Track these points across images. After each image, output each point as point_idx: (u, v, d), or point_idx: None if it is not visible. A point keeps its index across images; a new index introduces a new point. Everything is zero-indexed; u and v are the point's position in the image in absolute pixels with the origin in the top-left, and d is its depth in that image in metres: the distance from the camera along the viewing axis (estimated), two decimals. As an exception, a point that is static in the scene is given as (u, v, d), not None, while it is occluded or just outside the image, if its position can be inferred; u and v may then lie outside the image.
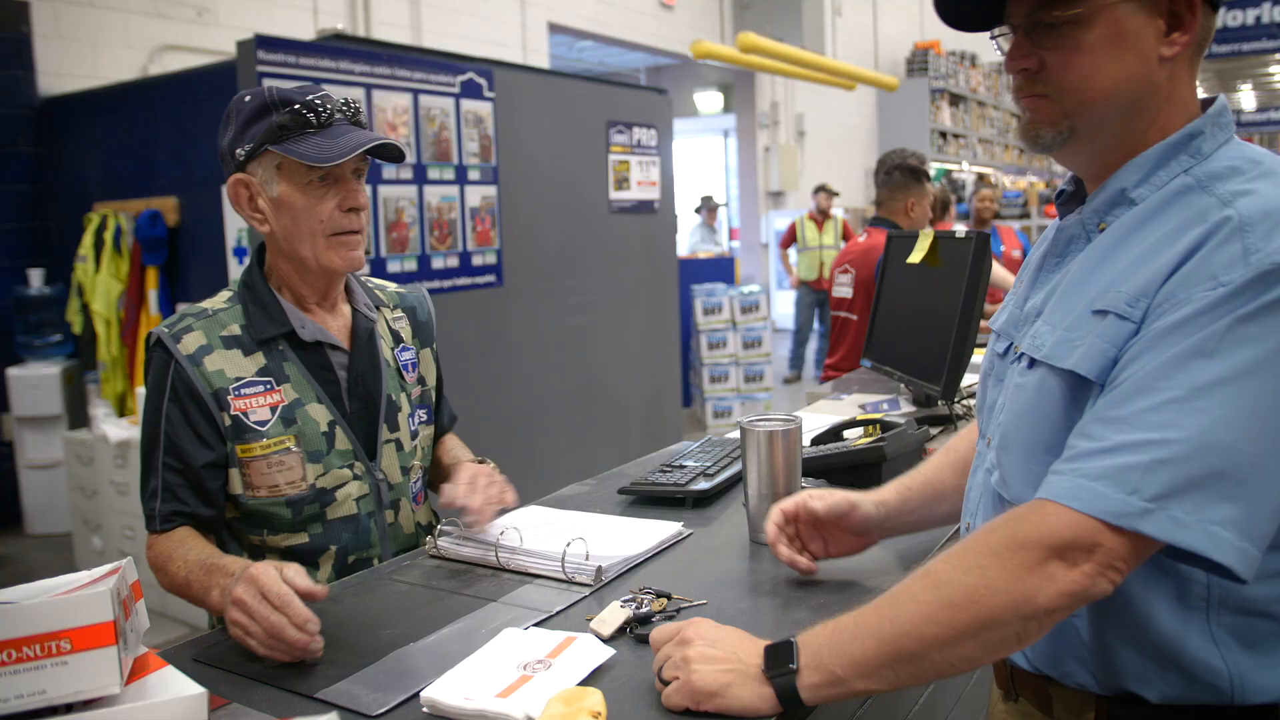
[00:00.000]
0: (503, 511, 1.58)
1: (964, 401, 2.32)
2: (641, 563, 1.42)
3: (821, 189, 9.23)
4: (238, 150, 1.48)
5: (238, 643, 1.18)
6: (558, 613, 1.25)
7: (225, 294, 1.57)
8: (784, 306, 11.68)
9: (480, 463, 1.68)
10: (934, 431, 2.14)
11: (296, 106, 1.44)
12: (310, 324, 1.55)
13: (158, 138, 4.93)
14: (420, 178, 4.27)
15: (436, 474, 1.79)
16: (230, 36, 4.00)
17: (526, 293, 4.87)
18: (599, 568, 1.34)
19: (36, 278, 5.32)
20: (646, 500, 1.74)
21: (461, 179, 4.47)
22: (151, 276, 4.88)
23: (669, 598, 1.25)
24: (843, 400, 2.61)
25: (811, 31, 11.40)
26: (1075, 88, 1.01)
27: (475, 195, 4.57)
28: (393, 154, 1.51)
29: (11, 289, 5.30)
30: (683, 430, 6.51)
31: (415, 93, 4.23)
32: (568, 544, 1.37)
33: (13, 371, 5.18)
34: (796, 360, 9.33)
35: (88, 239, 4.99)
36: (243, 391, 1.48)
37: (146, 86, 5.18)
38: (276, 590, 1.15)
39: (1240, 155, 1.01)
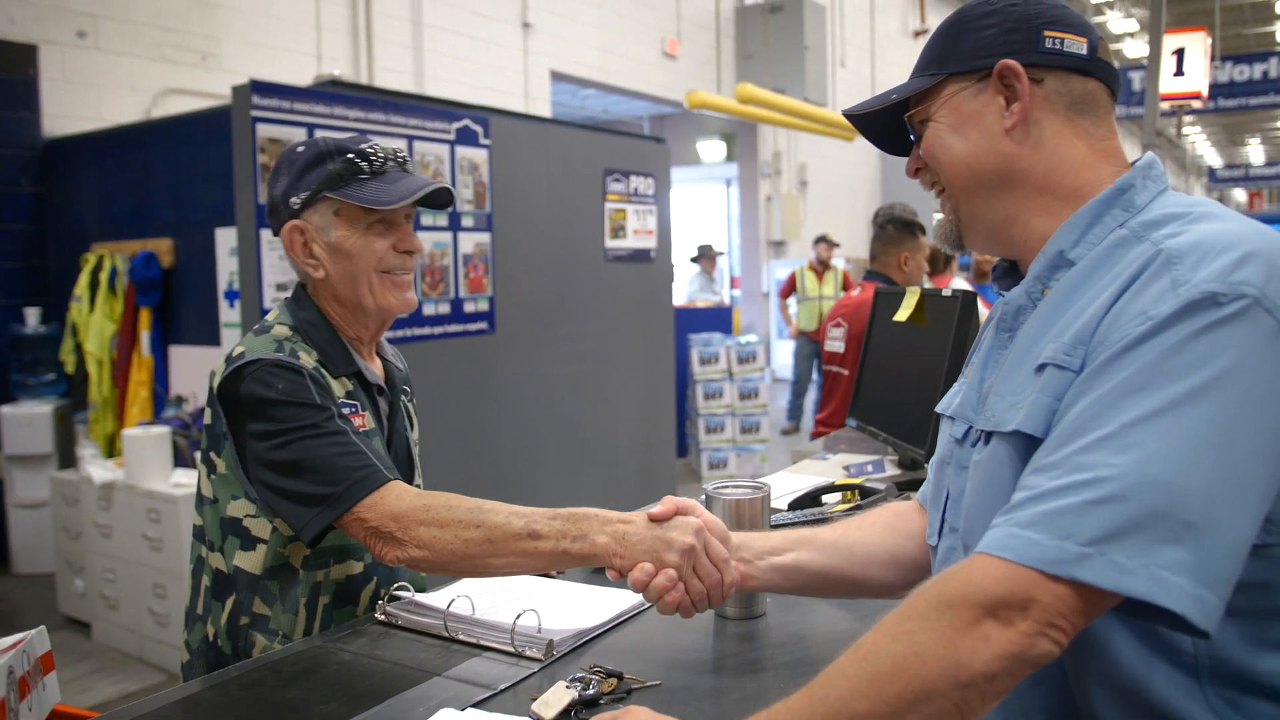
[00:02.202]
0: None
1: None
2: (598, 635, 1.37)
3: (822, 239, 9.23)
4: (293, 199, 1.50)
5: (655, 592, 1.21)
6: (502, 690, 1.20)
7: (283, 328, 1.51)
8: (784, 356, 11.65)
9: None
10: (915, 497, 2.08)
11: (351, 155, 1.48)
12: (368, 366, 1.58)
13: (155, 180, 4.96)
14: (414, 224, 4.24)
15: None
16: (233, 81, 4.04)
17: (519, 341, 4.84)
18: (550, 641, 1.29)
19: (33, 316, 5.33)
20: (613, 566, 1.68)
21: (455, 225, 4.46)
22: (144, 318, 4.87)
23: (620, 677, 1.20)
24: (828, 460, 2.56)
25: (814, 82, 11.49)
26: (944, 171, 1.11)
27: (469, 242, 4.55)
28: (442, 201, 1.56)
29: (7, 327, 5.30)
30: (677, 481, 6.45)
31: (410, 139, 4.23)
32: (518, 615, 1.31)
33: (5, 409, 5.16)
34: (795, 411, 9.27)
35: (83, 279, 5.00)
36: (344, 410, 1.48)
37: (145, 129, 5.21)
38: (720, 550, 1.25)
39: (1176, 204, 1.00)
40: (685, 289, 10.13)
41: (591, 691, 1.15)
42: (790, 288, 9.33)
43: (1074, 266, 1.01)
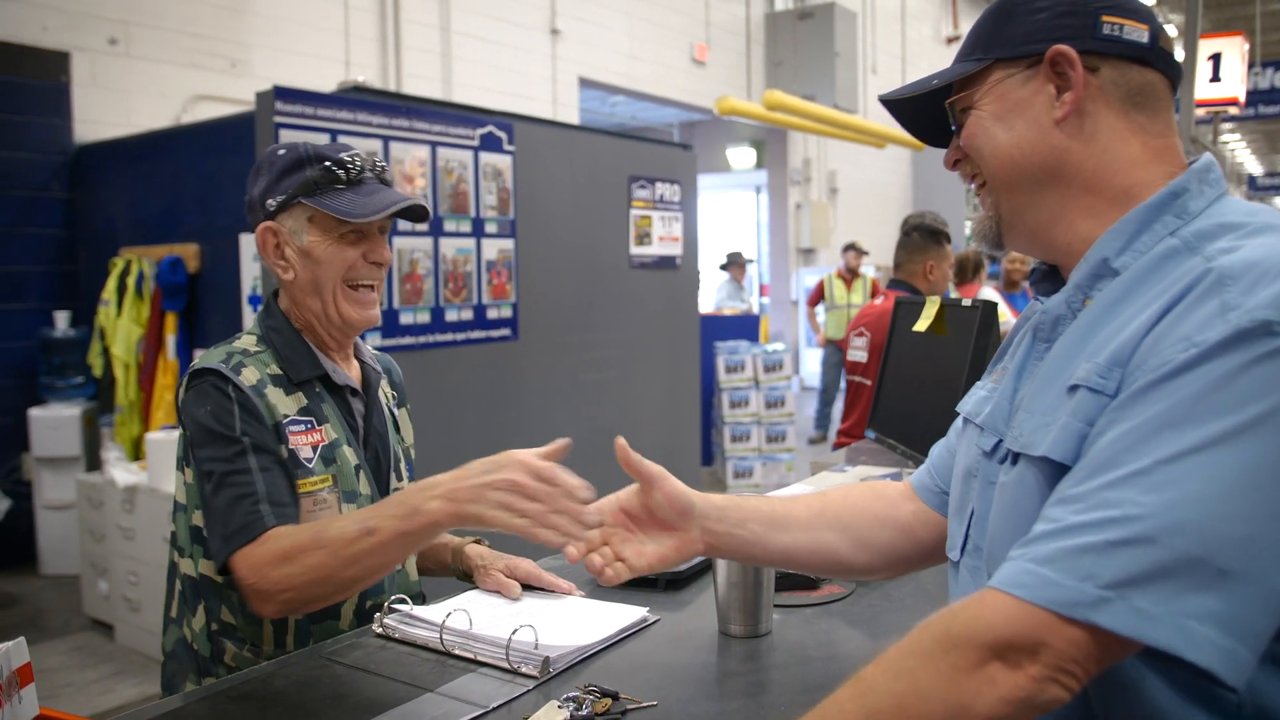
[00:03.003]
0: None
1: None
2: (598, 652, 1.34)
3: (850, 247, 9.17)
4: (269, 200, 1.51)
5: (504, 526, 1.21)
6: (495, 709, 1.16)
7: (249, 339, 1.56)
8: (814, 365, 11.56)
9: (478, 542, 1.70)
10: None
11: (329, 163, 1.49)
12: (339, 369, 1.58)
13: (182, 185, 5.00)
14: (436, 230, 4.25)
15: None
16: (262, 88, 4.07)
17: (542, 347, 4.83)
18: (546, 658, 1.25)
19: (62, 320, 5.39)
20: (618, 579, 1.65)
21: (479, 232, 4.45)
22: (170, 322, 4.91)
23: (615, 698, 1.16)
24: (846, 473, 2.52)
25: (845, 89, 11.42)
26: (986, 163, 1.03)
27: (492, 248, 4.55)
28: (418, 215, 1.57)
29: (38, 330, 5.36)
30: (701, 490, 6.39)
31: (434, 145, 4.23)
32: (513, 630, 1.28)
33: (34, 412, 5.22)
34: (822, 420, 9.19)
35: (111, 283, 5.05)
36: (291, 429, 1.48)
37: (174, 135, 5.26)
38: (546, 467, 1.22)
39: (1234, 211, 0.92)
40: (713, 296, 10.08)
41: (585, 712, 1.11)
42: (818, 296, 9.27)
43: (1118, 276, 0.93)
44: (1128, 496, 0.77)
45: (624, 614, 1.44)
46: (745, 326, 8.39)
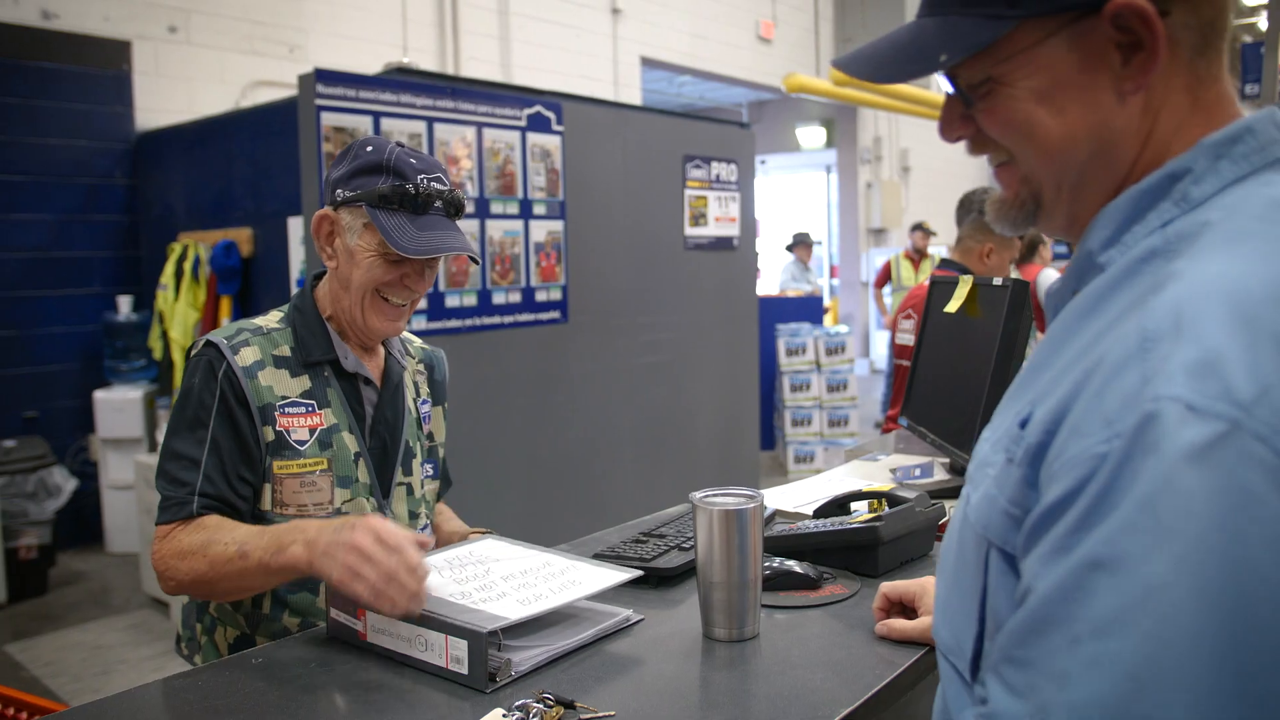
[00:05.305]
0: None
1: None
2: (568, 655, 1.26)
3: (918, 227, 8.92)
4: (338, 190, 1.55)
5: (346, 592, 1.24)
6: (445, 712, 1.10)
7: (277, 314, 1.63)
8: (883, 348, 11.32)
9: (486, 533, 1.69)
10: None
11: (403, 184, 1.51)
12: (352, 355, 1.60)
13: (235, 170, 5.05)
14: (482, 212, 4.21)
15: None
16: (315, 72, 4.09)
17: (593, 330, 4.76)
18: (508, 660, 1.18)
19: (125, 304, 5.51)
20: (609, 574, 1.57)
21: (526, 213, 4.40)
22: (225, 306, 4.97)
23: (570, 706, 1.09)
24: (879, 462, 2.40)
25: (917, 65, 11.09)
26: (1025, 157, 0.79)
27: (540, 230, 4.49)
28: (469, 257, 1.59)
29: (102, 314, 5.49)
30: (760, 474, 6.29)
31: (480, 126, 4.18)
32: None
33: (99, 394, 5.35)
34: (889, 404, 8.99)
35: (169, 268, 5.14)
36: (287, 410, 1.53)
37: (227, 121, 5.31)
38: (393, 535, 1.23)
39: (1223, 204, 0.71)
40: (778, 278, 9.91)
41: (532, 721, 1.04)
42: (885, 277, 9.05)
43: (1104, 273, 0.75)
44: (1071, 670, 0.60)
45: (601, 614, 1.36)
46: (808, 308, 8.21)
